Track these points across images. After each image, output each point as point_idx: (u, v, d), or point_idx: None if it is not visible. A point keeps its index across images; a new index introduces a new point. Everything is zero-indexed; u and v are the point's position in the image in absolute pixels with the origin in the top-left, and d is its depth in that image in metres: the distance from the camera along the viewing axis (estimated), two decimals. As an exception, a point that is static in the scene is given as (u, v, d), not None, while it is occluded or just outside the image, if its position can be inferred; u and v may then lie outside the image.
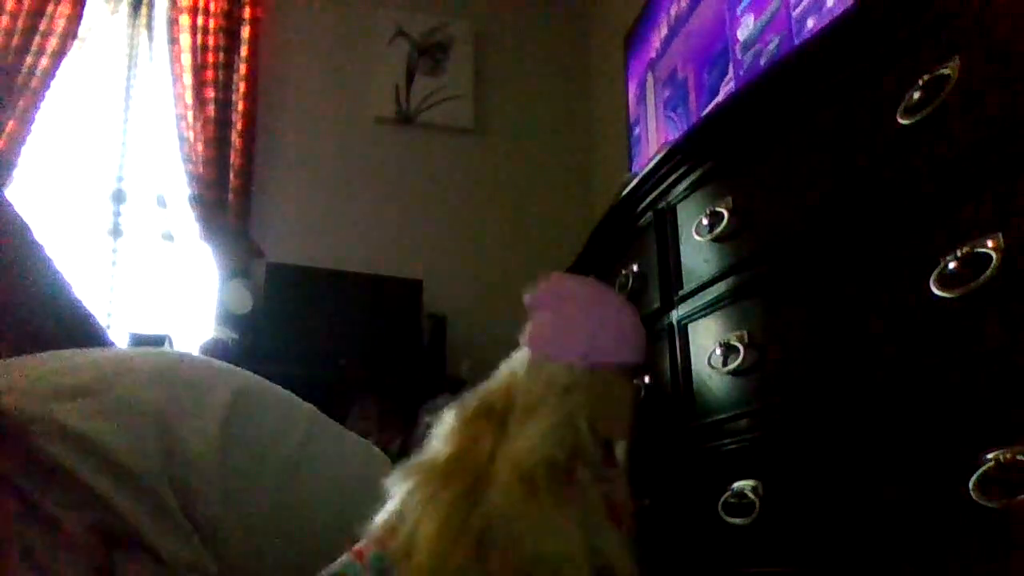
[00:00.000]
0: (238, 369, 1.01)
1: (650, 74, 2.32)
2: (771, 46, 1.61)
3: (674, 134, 2.02)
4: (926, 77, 0.81)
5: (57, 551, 0.74)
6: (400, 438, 1.95)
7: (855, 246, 0.92)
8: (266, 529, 0.86)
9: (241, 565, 0.84)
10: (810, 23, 1.47)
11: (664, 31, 2.20)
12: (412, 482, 0.74)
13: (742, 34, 1.80)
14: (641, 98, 2.40)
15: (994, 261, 0.71)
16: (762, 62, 1.64)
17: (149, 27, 2.73)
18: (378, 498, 0.90)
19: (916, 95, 0.82)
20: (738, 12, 1.81)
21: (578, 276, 0.83)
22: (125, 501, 0.76)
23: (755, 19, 1.74)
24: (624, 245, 1.54)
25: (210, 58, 2.63)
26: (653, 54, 2.29)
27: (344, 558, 0.76)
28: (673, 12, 2.14)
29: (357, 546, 0.77)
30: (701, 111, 1.91)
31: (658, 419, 1.33)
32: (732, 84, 1.81)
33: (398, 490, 0.75)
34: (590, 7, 3.14)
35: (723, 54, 1.87)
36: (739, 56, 1.80)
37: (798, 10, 1.53)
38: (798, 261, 1.03)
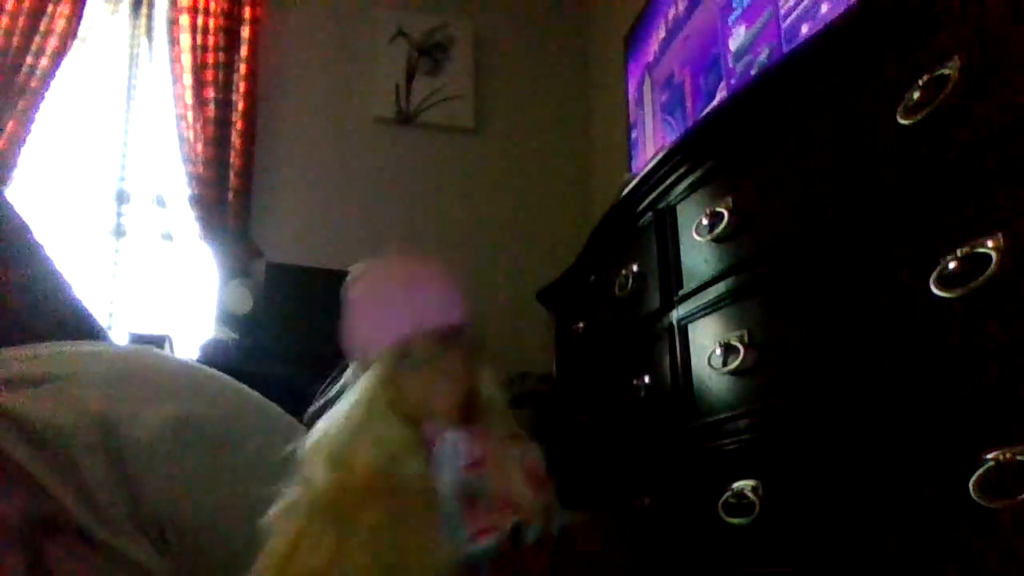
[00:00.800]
0: (198, 367, 0.99)
1: (648, 77, 2.32)
2: (762, 56, 1.63)
3: (671, 138, 2.02)
4: (926, 77, 0.81)
5: None
6: None
7: (855, 246, 0.92)
8: (223, 529, 0.85)
9: (192, 560, 0.82)
10: (804, 29, 1.48)
11: (662, 34, 2.20)
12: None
13: (734, 44, 1.81)
14: (639, 101, 2.40)
15: (994, 261, 0.71)
16: (753, 72, 1.65)
17: (149, 27, 2.73)
18: None
19: (916, 95, 0.82)
20: (730, 22, 1.82)
21: (376, 259, 0.79)
22: (64, 489, 0.75)
23: (746, 29, 1.75)
24: (624, 245, 1.54)
25: (210, 58, 2.63)
26: (651, 57, 2.30)
27: None
28: (671, 15, 2.14)
29: None
30: (698, 115, 1.91)
31: (658, 419, 1.33)
32: (726, 92, 1.82)
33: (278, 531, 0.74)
34: (590, 7, 3.14)
35: (718, 60, 1.88)
36: (731, 65, 1.82)
37: (790, 19, 1.54)
38: (798, 261, 1.03)
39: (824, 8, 1.42)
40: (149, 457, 0.81)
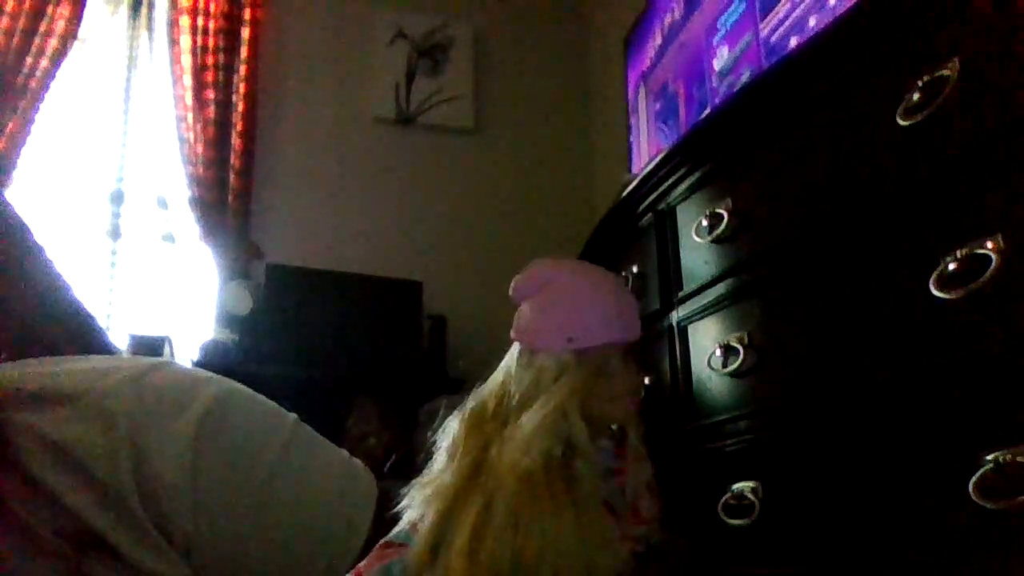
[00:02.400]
0: (215, 379, 0.99)
1: (643, 86, 2.34)
2: (743, 78, 1.65)
3: (665, 145, 2.04)
4: (925, 78, 0.81)
5: (33, 557, 0.74)
6: (399, 439, 1.95)
7: (855, 247, 0.92)
8: (239, 541, 0.86)
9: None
10: (793, 42, 1.49)
11: (659, 40, 2.21)
12: (428, 497, 0.73)
13: (718, 64, 1.84)
14: (634, 108, 2.42)
15: (994, 262, 0.71)
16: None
17: (149, 28, 2.73)
18: (355, 510, 0.90)
19: (915, 96, 0.82)
20: (714, 42, 1.85)
21: (560, 260, 0.80)
22: (94, 510, 0.76)
23: (729, 50, 1.78)
24: (624, 246, 1.54)
25: (210, 59, 2.64)
26: (646, 66, 2.32)
27: (374, 570, 0.76)
28: (667, 21, 2.15)
29: (378, 555, 0.76)
30: (691, 124, 1.93)
31: (658, 420, 1.33)
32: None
33: (414, 504, 0.74)
34: (590, 8, 3.14)
35: (705, 77, 1.91)
36: (715, 85, 1.84)
37: (778, 33, 1.55)
38: (798, 262, 1.03)
39: (812, 21, 1.43)
40: (172, 485, 0.82)
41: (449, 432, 0.76)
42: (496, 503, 0.69)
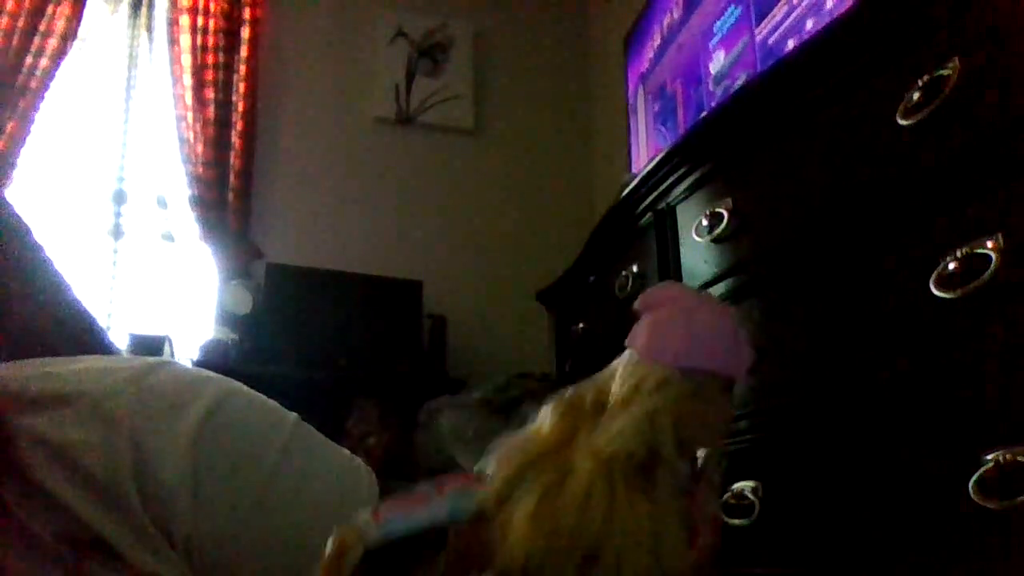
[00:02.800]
0: (215, 378, 0.99)
1: (641, 87, 2.35)
2: (739, 82, 1.66)
3: (664, 147, 2.05)
4: (925, 78, 0.81)
5: (33, 559, 0.74)
6: (399, 439, 1.95)
7: (855, 247, 0.92)
8: (239, 542, 0.86)
9: None
10: (790, 44, 1.49)
11: (657, 40, 2.22)
12: (507, 455, 0.74)
13: (714, 68, 1.86)
14: (634, 109, 2.42)
15: (994, 262, 0.71)
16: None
17: (149, 28, 2.73)
18: (357, 509, 0.90)
19: (916, 96, 0.82)
20: (710, 46, 1.86)
21: (690, 287, 0.83)
22: (95, 512, 0.76)
23: (725, 54, 1.79)
24: (624, 246, 1.54)
25: (210, 59, 2.63)
26: (645, 67, 2.32)
27: (458, 487, 0.75)
28: (666, 22, 2.15)
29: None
30: (689, 126, 1.93)
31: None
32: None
33: (491, 463, 0.75)
34: (590, 7, 3.14)
35: (702, 79, 1.92)
36: (711, 89, 1.85)
37: (774, 36, 1.56)
38: (798, 262, 1.03)
39: (809, 24, 1.44)
40: (173, 486, 0.82)
41: (542, 413, 0.77)
42: (572, 479, 0.70)
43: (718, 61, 1.82)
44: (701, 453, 0.77)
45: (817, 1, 1.42)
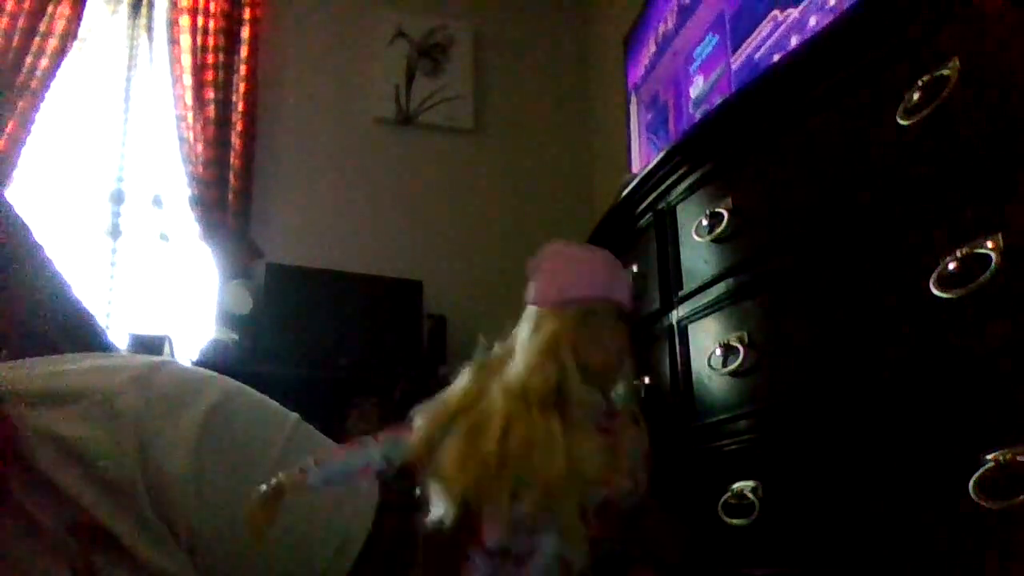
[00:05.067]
0: (218, 377, 1.00)
1: (634, 96, 2.36)
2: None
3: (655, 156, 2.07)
4: (926, 78, 0.81)
5: (41, 553, 0.75)
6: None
7: (855, 247, 0.92)
8: (240, 539, 0.86)
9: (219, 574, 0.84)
10: (777, 57, 1.51)
11: (652, 49, 2.23)
12: (428, 416, 0.81)
13: (693, 92, 1.89)
14: (628, 117, 2.44)
15: (994, 262, 0.71)
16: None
17: (149, 28, 2.73)
18: (356, 506, 0.91)
19: (916, 96, 0.82)
20: (691, 71, 1.88)
21: (568, 242, 0.89)
22: (102, 506, 0.77)
23: (704, 80, 1.82)
24: (624, 246, 1.54)
25: (210, 59, 2.63)
26: (638, 78, 2.34)
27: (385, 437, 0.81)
28: (661, 30, 2.16)
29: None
30: (679, 136, 1.95)
31: (658, 420, 1.33)
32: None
33: (418, 419, 0.81)
34: (590, 7, 3.14)
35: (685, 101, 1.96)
36: (691, 111, 1.88)
37: (761, 51, 1.57)
38: (798, 262, 1.03)
39: (793, 41, 1.45)
40: (177, 479, 0.82)
41: (457, 379, 0.84)
42: (490, 418, 0.76)
43: (698, 86, 1.87)
44: (617, 387, 0.82)
45: (798, 21, 1.44)
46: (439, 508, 0.75)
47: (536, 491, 0.71)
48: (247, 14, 2.70)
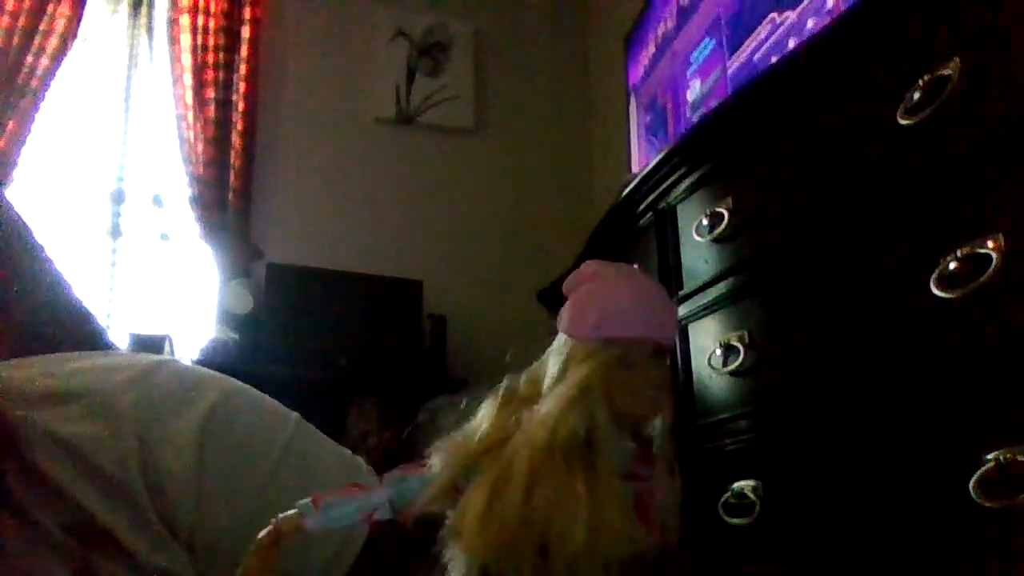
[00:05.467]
0: (218, 377, 1.00)
1: (634, 98, 2.36)
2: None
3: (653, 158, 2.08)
4: (926, 78, 0.81)
5: (41, 552, 0.75)
6: (400, 437, 1.95)
7: (855, 247, 0.92)
8: (240, 538, 0.86)
9: (218, 573, 0.84)
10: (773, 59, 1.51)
11: (652, 50, 2.23)
12: (449, 459, 0.75)
13: (691, 96, 1.89)
14: (626, 119, 2.44)
15: (994, 262, 0.71)
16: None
17: (149, 27, 2.73)
18: None
19: (916, 96, 0.82)
20: (688, 75, 1.88)
21: (609, 262, 0.83)
22: (101, 505, 0.76)
23: (701, 83, 1.83)
24: (624, 246, 1.54)
25: (210, 58, 2.63)
26: (637, 80, 2.34)
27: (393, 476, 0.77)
28: (660, 31, 2.16)
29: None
30: (678, 137, 1.96)
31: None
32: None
33: (436, 459, 0.76)
34: (590, 7, 3.14)
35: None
36: (688, 115, 1.87)
37: (759, 53, 1.57)
38: (799, 261, 1.03)
39: (791, 43, 1.45)
40: (177, 478, 0.82)
41: (483, 406, 0.77)
42: (514, 472, 0.70)
43: (695, 90, 1.87)
44: (654, 431, 0.77)
45: (796, 23, 1.44)
46: (459, 571, 0.70)
47: (558, 558, 0.67)
48: (247, 14, 2.69)
